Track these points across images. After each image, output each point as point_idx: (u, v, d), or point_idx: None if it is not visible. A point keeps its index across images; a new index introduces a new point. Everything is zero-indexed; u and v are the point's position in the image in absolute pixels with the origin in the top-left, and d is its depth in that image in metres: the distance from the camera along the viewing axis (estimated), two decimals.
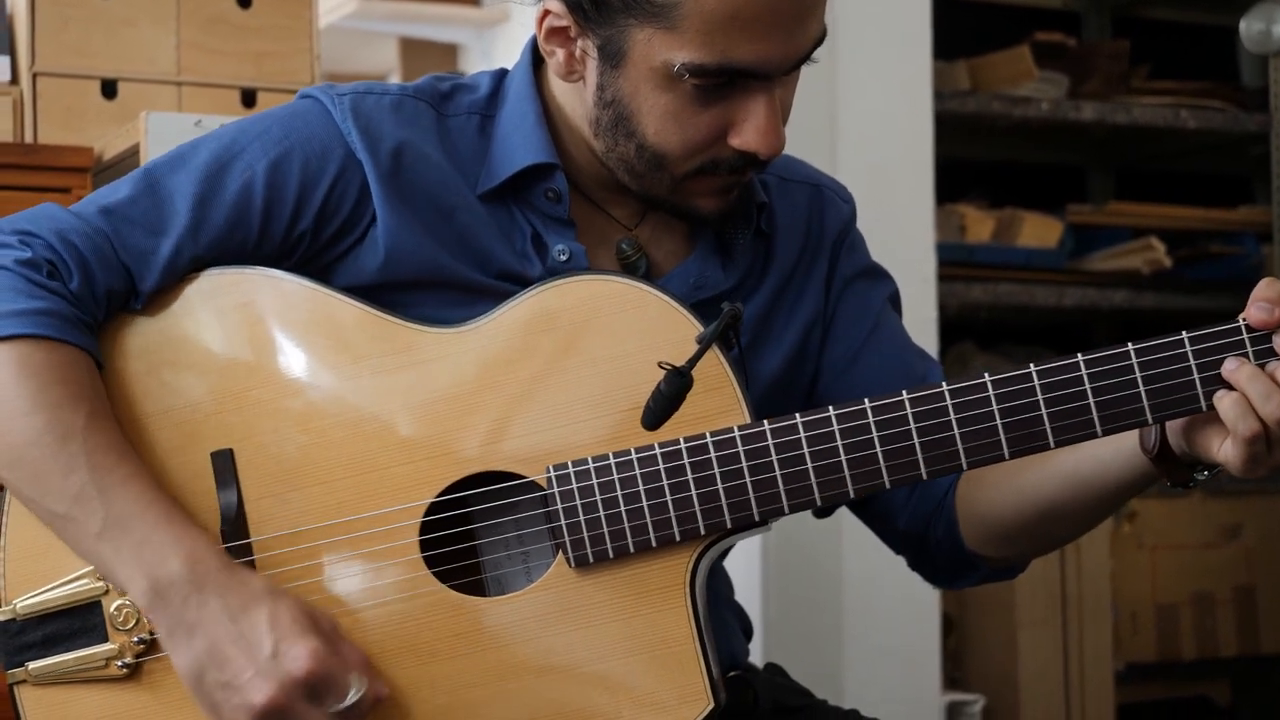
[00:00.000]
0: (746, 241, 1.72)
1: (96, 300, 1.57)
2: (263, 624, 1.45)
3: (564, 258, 1.65)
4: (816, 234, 1.79)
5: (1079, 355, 1.50)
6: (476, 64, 4.34)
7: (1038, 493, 1.65)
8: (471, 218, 1.66)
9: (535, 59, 1.71)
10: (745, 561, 3.08)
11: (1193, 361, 1.48)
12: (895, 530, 1.80)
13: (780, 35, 1.54)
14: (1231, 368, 1.47)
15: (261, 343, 1.59)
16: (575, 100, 1.66)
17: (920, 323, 3.43)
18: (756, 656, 1.91)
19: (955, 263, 3.95)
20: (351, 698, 1.45)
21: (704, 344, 1.51)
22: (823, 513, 1.83)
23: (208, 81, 2.83)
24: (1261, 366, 1.46)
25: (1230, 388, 1.47)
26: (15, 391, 1.50)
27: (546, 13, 1.61)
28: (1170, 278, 4.22)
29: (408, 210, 1.63)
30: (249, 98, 2.85)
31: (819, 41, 1.59)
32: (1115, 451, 1.58)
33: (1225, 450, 1.48)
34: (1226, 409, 1.46)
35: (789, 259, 1.77)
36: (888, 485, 1.52)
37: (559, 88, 1.68)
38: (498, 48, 4.23)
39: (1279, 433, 1.46)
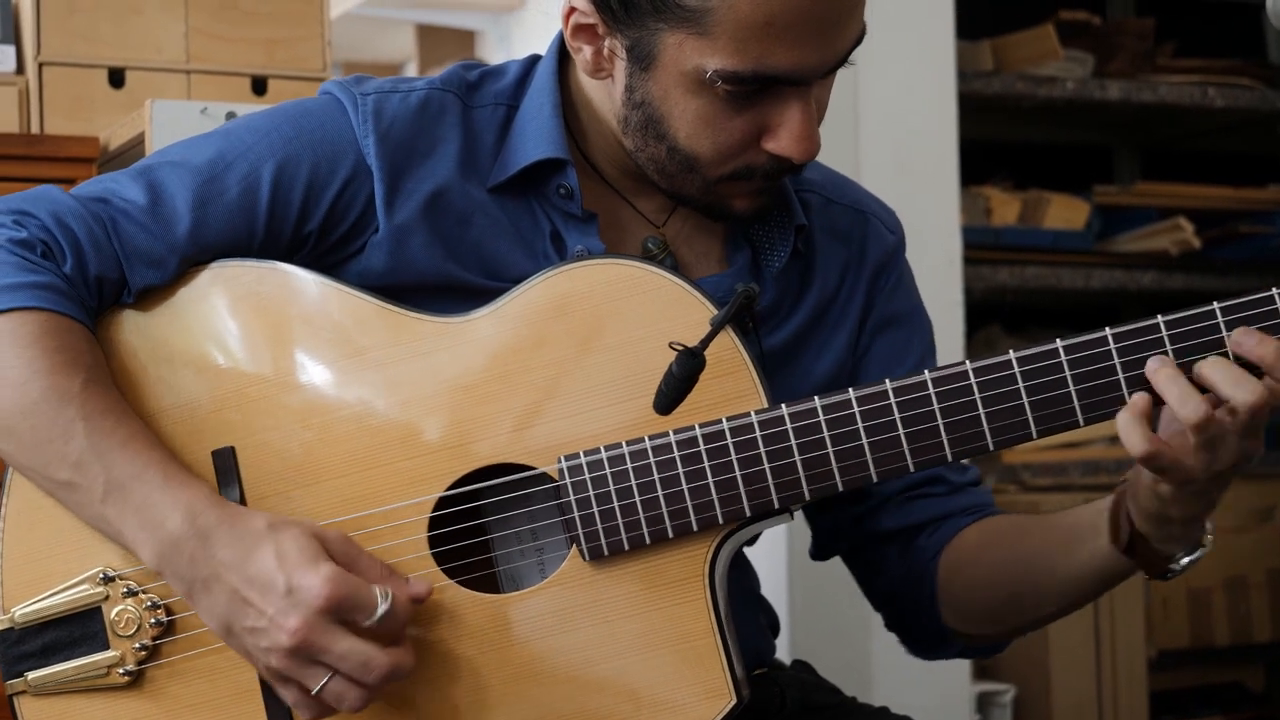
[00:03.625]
0: (783, 263, 1.68)
1: (88, 285, 1.54)
2: (271, 562, 1.42)
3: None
4: (857, 262, 1.74)
5: (1106, 330, 1.46)
6: (494, 49, 4.31)
7: (1009, 571, 1.65)
8: (488, 222, 1.62)
9: (563, 49, 1.66)
10: (770, 556, 3.05)
11: (1225, 333, 1.44)
12: (877, 588, 1.78)
13: (817, 41, 1.49)
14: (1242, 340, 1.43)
15: (262, 337, 1.56)
16: (603, 95, 1.62)
17: (946, 306, 3.41)
18: (784, 651, 1.88)
19: (981, 245, 3.93)
20: (382, 609, 1.42)
21: (717, 325, 1.47)
22: (819, 556, 1.80)
23: (217, 69, 2.80)
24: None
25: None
26: (10, 361, 1.48)
27: (572, 9, 1.56)
28: (1199, 258, 4.18)
29: (418, 222, 1.60)
30: (260, 85, 2.81)
31: (859, 41, 1.53)
32: (1091, 535, 1.56)
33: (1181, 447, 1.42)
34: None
35: (829, 284, 1.73)
36: (911, 469, 1.48)
37: (586, 81, 1.64)
38: (515, 33, 4.20)
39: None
